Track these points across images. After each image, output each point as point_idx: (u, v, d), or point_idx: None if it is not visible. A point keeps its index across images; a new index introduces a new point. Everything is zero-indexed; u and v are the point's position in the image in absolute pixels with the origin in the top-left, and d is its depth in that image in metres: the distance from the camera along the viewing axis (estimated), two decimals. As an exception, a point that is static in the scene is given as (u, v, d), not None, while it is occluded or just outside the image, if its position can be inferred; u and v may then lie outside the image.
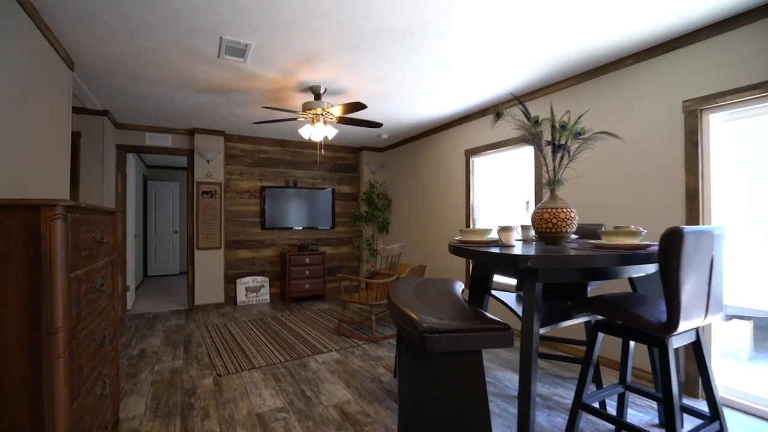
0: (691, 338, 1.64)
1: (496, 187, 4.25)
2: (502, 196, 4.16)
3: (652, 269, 1.96)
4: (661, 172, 2.73)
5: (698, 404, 2.42)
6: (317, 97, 3.53)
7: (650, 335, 1.59)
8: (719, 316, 1.61)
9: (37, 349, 1.14)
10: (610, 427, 2.18)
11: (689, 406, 1.69)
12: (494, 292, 2.51)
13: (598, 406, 2.21)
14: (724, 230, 1.60)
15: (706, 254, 1.49)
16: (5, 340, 1.13)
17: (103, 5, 2.20)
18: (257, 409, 2.41)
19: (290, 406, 2.45)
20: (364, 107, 3.19)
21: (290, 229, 5.99)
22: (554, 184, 2.20)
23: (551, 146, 2.20)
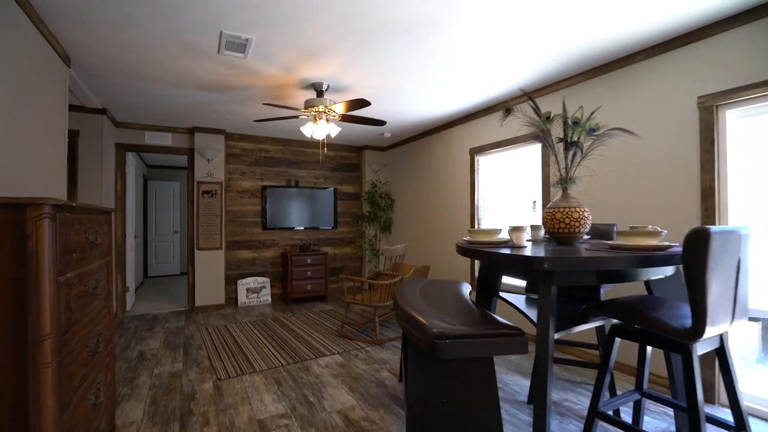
0: (714, 344, 1.56)
1: (501, 186, 4.16)
2: (507, 195, 4.08)
3: (670, 271, 1.88)
4: (674, 170, 2.64)
5: (715, 411, 2.33)
6: (319, 94, 3.46)
7: (672, 341, 1.51)
8: (744, 321, 1.53)
9: (22, 358, 1.06)
10: (625, 435, 2.09)
11: (712, 415, 1.61)
12: (503, 294, 2.44)
13: (611, 413, 2.12)
14: (749, 230, 1.52)
15: (732, 256, 1.41)
16: (-11, 348, 1.05)
17: (98, -2, 2.13)
18: (258, 415, 2.33)
19: (292, 412, 2.37)
20: (367, 104, 3.11)
21: (292, 229, 5.91)
22: (566, 182, 2.12)
23: (563, 143, 2.13)
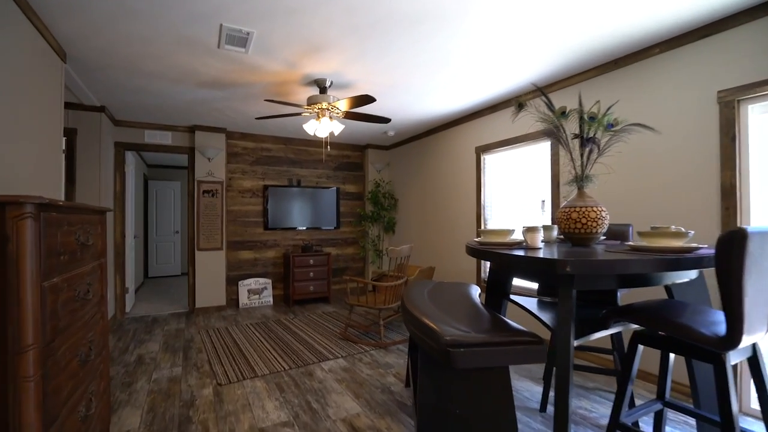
0: (747, 353, 1.46)
1: (509, 185, 4.06)
2: (515, 194, 3.98)
3: (694, 275, 1.78)
4: (692, 167, 2.54)
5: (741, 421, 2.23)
6: (323, 90, 3.36)
7: (702, 350, 1.41)
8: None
9: (2, 371, 0.97)
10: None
11: (747, 430, 1.51)
12: (513, 296, 2.34)
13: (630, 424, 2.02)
14: (786, 231, 1.42)
15: (770, 258, 1.31)
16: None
17: (93, -12, 2.04)
18: (260, 423, 2.24)
19: (295, 420, 2.28)
20: (372, 100, 3.01)
21: (294, 229, 5.82)
22: (582, 180, 2.02)
23: (579, 139, 2.03)
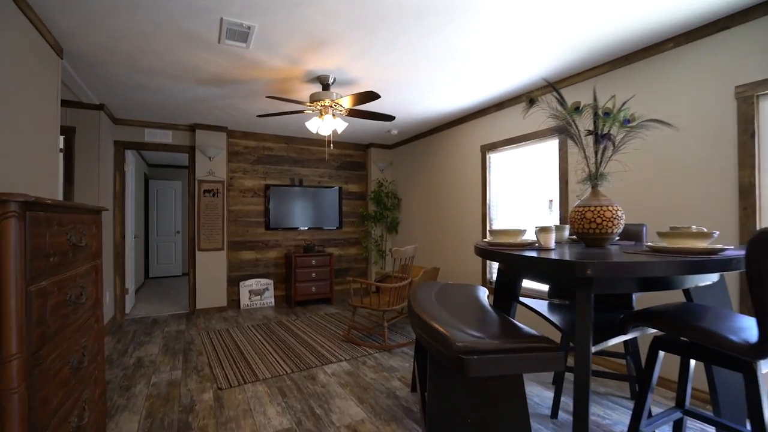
0: (777, 361, 1.38)
1: (515, 184, 3.98)
2: (522, 194, 3.90)
3: (716, 277, 1.70)
4: (709, 166, 2.45)
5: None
6: (325, 87, 3.29)
7: (729, 357, 1.33)
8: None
9: (-18, 383, 0.90)
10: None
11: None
12: (523, 299, 2.27)
13: None
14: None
15: (804, 261, 1.23)
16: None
17: (89, -21, 1.97)
18: (261, 429, 2.17)
19: (298, 426, 2.20)
20: (377, 97, 2.94)
21: (296, 229, 5.74)
22: (596, 179, 1.94)
23: (593, 136, 1.95)
